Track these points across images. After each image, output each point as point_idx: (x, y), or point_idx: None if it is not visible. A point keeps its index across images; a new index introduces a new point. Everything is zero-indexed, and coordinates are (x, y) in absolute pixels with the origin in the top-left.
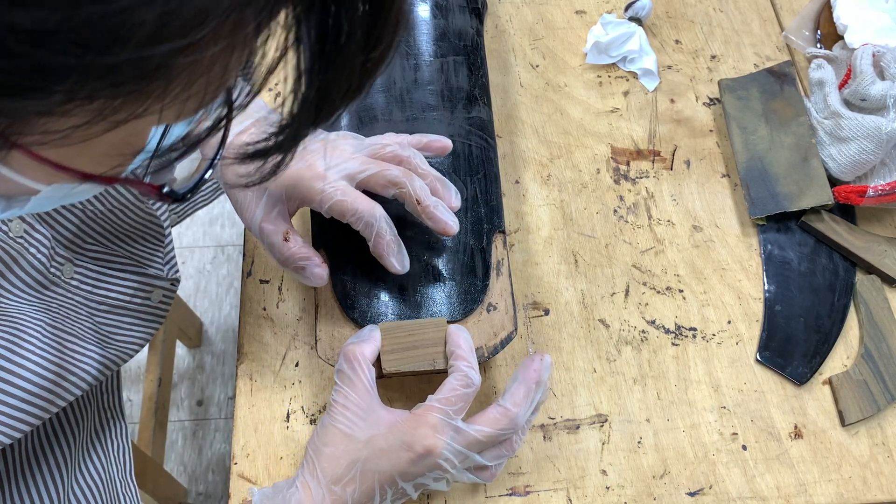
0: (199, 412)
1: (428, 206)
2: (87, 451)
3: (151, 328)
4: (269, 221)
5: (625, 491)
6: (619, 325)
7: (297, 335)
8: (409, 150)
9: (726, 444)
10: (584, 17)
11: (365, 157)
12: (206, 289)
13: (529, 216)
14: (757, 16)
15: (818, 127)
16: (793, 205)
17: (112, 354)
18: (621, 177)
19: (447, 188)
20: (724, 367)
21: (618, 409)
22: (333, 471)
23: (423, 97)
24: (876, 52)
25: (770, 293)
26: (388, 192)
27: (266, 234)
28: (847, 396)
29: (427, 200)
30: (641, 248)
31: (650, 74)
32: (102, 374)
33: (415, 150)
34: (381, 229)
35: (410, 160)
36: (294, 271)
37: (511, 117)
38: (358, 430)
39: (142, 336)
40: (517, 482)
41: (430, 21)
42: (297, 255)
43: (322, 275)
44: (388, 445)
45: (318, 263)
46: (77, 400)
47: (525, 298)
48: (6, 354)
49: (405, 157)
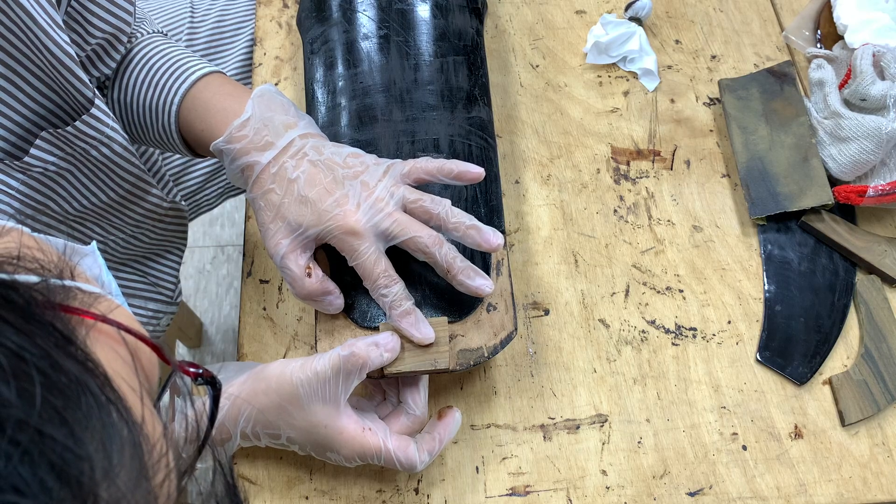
0: None
1: (457, 275)
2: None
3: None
4: (294, 257)
5: (625, 491)
6: (619, 325)
7: (297, 335)
8: (439, 204)
9: (726, 445)
10: (584, 17)
11: (398, 212)
12: (206, 289)
13: (529, 216)
14: (757, 16)
15: (818, 127)
16: (793, 205)
17: None
18: (621, 177)
19: (482, 232)
20: (724, 367)
21: (618, 409)
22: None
23: (423, 97)
24: (876, 52)
25: (770, 293)
26: (419, 256)
27: (288, 268)
28: (847, 396)
29: (456, 268)
30: (641, 248)
31: (650, 74)
32: None
33: (446, 202)
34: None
35: (440, 216)
36: (312, 304)
37: (511, 117)
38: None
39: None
40: (517, 482)
41: (430, 21)
42: (318, 291)
43: (340, 305)
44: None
45: (338, 295)
46: None
47: (525, 298)
48: None
49: (435, 214)
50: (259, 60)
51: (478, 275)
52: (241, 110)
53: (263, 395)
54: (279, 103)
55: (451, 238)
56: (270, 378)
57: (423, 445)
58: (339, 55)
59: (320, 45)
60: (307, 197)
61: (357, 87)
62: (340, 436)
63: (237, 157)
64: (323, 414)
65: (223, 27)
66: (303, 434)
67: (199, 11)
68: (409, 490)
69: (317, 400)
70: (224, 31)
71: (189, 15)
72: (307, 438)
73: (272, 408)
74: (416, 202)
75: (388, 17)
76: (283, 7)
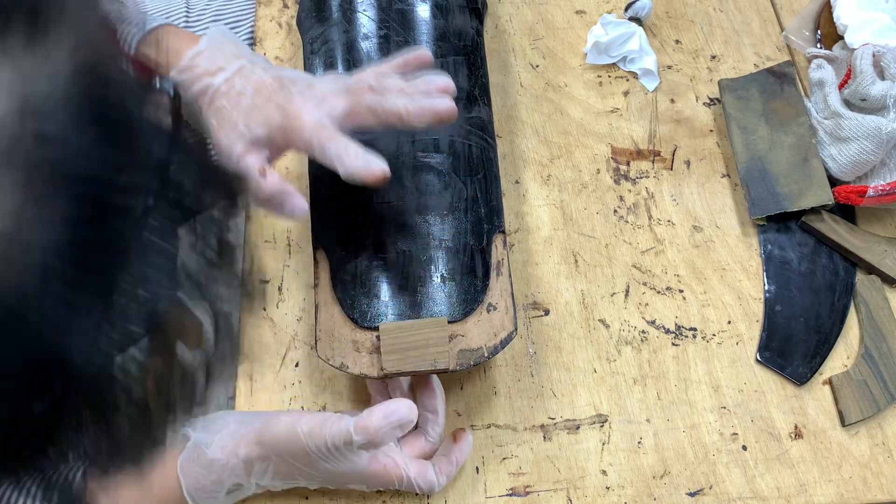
0: (200, 412)
1: (409, 114)
2: None
3: None
4: (250, 159)
5: (625, 491)
6: (619, 325)
7: (297, 335)
8: (386, 79)
9: (726, 445)
10: (584, 17)
11: (345, 99)
12: None
13: (529, 216)
14: (757, 16)
15: (818, 127)
16: (793, 205)
17: None
18: (621, 177)
19: (430, 81)
20: (725, 368)
21: (618, 409)
22: (282, 471)
23: None
24: (876, 52)
25: (770, 293)
26: (370, 121)
27: (245, 170)
28: (847, 396)
29: (403, 109)
30: (641, 249)
31: (650, 74)
32: None
33: (393, 74)
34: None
35: (386, 86)
36: (273, 208)
37: (511, 117)
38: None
39: None
40: (517, 482)
41: (430, 21)
42: (277, 191)
43: (301, 206)
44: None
45: (298, 197)
46: None
47: (525, 298)
48: None
49: (378, 88)
50: None
51: (432, 98)
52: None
53: (277, 458)
54: (231, 40)
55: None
56: (280, 443)
57: (440, 468)
58: (339, 55)
59: (320, 45)
60: (254, 103)
61: None
62: (362, 477)
63: (191, 84)
64: (343, 465)
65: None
66: (323, 477)
67: (194, 11)
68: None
69: (335, 461)
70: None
71: (184, 14)
72: (328, 480)
73: (287, 466)
74: (360, 83)
75: (388, 17)
76: (283, 7)
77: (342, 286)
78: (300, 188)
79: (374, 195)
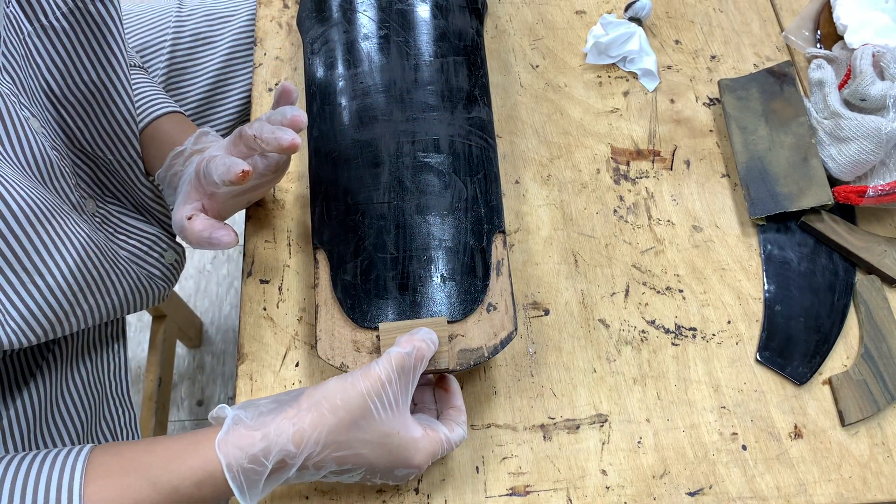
0: (200, 412)
1: (260, 137)
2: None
3: (160, 290)
4: (179, 212)
5: (625, 491)
6: (619, 325)
7: (297, 335)
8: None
9: (726, 444)
10: (584, 17)
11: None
12: (206, 289)
13: (529, 216)
14: (757, 16)
15: (818, 127)
16: (793, 205)
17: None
18: (621, 177)
19: (283, 114)
20: (724, 367)
21: (618, 409)
22: (335, 438)
23: (423, 97)
24: (876, 52)
25: (770, 293)
26: (242, 148)
27: (176, 222)
28: (847, 396)
29: (257, 131)
30: (641, 248)
31: (650, 74)
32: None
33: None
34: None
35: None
36: (206, 245)
37: (511, 117)
38: (382, 419)
39: (153, 295)
40: (517, 482)
41: (430, 21)
42: (199, 229)
43: (228, 236)
44: (392, 449)
45: (220, 227)
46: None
47: (525, 298)
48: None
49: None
50: (259, 61)
51: (281, 131)
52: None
53: (331, 414)
54: (212, 139)
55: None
56: (333, 396)
57: (454, 419)
58: (339, 55)
59: (321, 45)
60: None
61: (357, 88)
62: (414, 440)
63: (172, 180)
64: (394, 421)
65: (212, 20)
66: (376, 448)
67: (185, 8)
68: (410, 490)
69: (387, 406)
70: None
71: (176, 7)
72: (380, 451)
73: (343, 427)
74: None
75: (389, 17)
76: (283, 7)
77: (342, 286)
78: (300, 188)
79: (375, 195)
